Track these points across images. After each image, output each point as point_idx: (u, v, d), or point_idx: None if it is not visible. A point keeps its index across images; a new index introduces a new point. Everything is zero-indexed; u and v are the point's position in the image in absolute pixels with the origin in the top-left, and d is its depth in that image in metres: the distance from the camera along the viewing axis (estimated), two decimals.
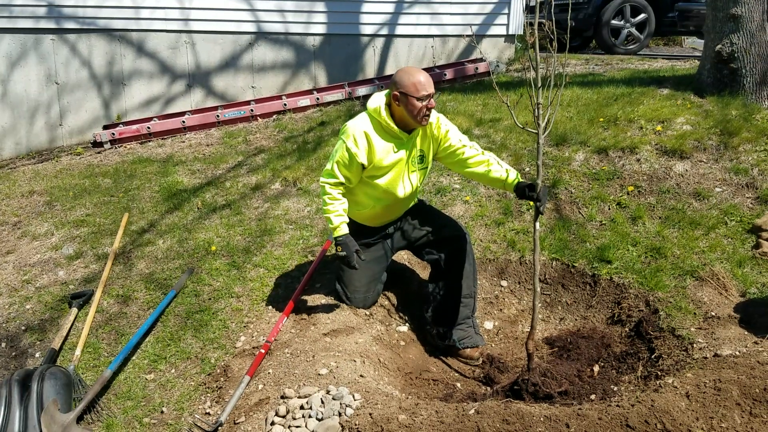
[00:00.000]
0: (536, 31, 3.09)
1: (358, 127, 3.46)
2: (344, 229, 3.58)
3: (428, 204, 4.16)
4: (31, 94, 7.16)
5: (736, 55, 5.67)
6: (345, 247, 3.57)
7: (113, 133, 7.12)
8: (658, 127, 5.42)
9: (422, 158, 3.65)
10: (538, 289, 3.42)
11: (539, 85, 3.15)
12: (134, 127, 7.21)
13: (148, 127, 7.19)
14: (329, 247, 4.44)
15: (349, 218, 3.67)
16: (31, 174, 6.37)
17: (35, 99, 7.19)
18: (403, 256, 4.39)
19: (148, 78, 7.57)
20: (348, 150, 3.46)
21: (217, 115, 7.35)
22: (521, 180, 3.56)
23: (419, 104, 3.35)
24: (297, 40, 7.94)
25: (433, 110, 3.49)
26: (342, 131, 3.54)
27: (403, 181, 3.63)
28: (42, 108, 7.25)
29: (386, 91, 3.48)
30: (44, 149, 7.30)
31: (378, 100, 3.47)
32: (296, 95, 7.69)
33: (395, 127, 3.45)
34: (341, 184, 3.57)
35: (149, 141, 7.16)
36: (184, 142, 7.01)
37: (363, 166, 3.51)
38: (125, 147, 7.06)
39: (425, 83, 3.34)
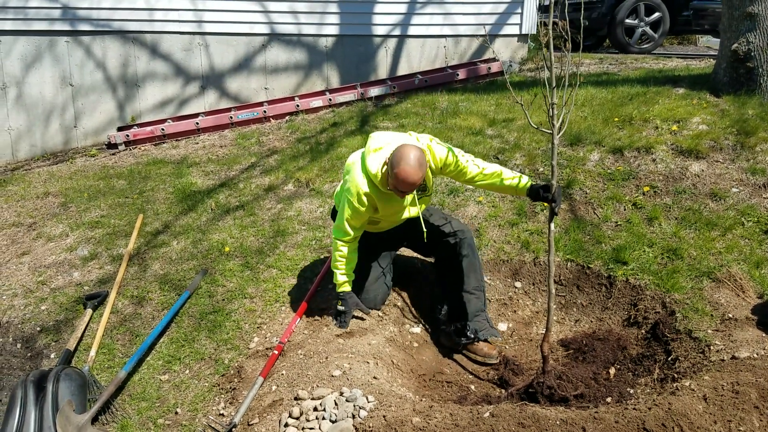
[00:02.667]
0: (550, 31, 3.06)
1: (361, 188, 3.48)
2: (348, 287, 3.77)
3: (436, 207, 4.17)
4: (46, 96, 7.21)
5: (752, 53, 5.60)
6: (345, 303, 3.77)
7: (127, 135, 7.16)
8: (674, 127, 5.36)
9: (423, 187, 3.67)
10: (553, 291, 3.39)
11: (554, 84, 3.12)
12: (148, 128, 7.25)
13: (162, 129, 7.22)
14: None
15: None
16: (46, 175, 6.42)
17: (50, 101, 7.24)
18: (414, 257, 4.37)
19: (162, 80, 7.61)
20: (356, 209, 3.52)
21: (231, 117, 7.37)
22: (534, 182, 3.53)
23: (397, 192, 3.40)
24: (309, 41, 7.95)
25: (424, 138, 3.53)
26: (347, 190, 3.55)
27: (408, 211, 3.72)
28: (57, 110, 7.30)
29: (387, 157, 3.42)
30: (59, 151, 7.35)
31: (377, 164, 3.45)
32: (309, 96, 7.70)
33: (389, 191, 3.50)
34: (354, 238, 3.68)
35: (163, 143, 7.20)
36: (197, 143, 7.04)
37: (372, 213, 3.62)
38: (139, 148, 7.10)
39: (408, 187, 3.29)
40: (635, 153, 5.12)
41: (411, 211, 3.70)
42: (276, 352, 3.57)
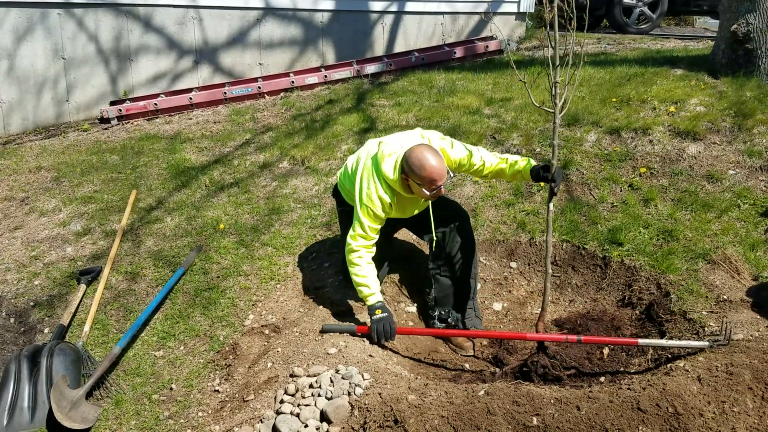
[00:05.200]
0: (555, 9, 3.02)
1: (383, 196, 3.37)
2: (380, 297, 3.46)
3: None
4: (37, 69, 7.10)
5: (751, 35, 5.57)
6: (383, 308, 3.42)
7: (120, 110, 7.07)
8: (672, 108, 5.35)
9: None
10: (550, 271, 3.39)
11: (557, 63, 3.09)
12: (141, 103, 7.16)
13: (155, 104, 7.14)
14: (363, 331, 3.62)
15: None
16: (38, 150, 6.35)
17: (42, 74, 7.13)
18: (411, 237, 4.36)
19: (155, 54, 7.50)
20: (377, 216, 3.41)
21: (225, 92, 7.30)
22: (534, 164, 3.52)
23: (428, 193, 3.31)
24: (305, 16, 7.84)
25: (436, 140, 3.46)
26: (367, 197, 3.39)
27: (418, 206, 3.66)
28: (49, 83, 7.20)
29: (401, 159, 3.32)
30: (51, 125, 7.26)
31: (393, 167, 3.35)
32: (304, 72, 7.62)
33: (410, 195, 3.45)
34: (375, 242, 3.52)
35: (156, 117, 7.12)
36: (191, 119, 6.97)
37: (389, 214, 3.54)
38: (132, 123, 7.03)
39: (436, 177, 3.22)
40: (632, 134, 5.10)
41: (422, 205, 3.66)
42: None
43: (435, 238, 3.77)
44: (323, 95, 7.12)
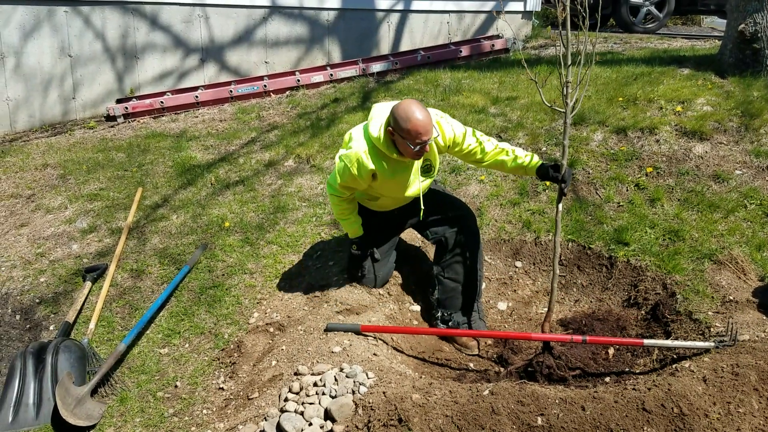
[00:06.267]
0: (568, 7, 3.01)
1: (362, 154, 3.29)
2: (361, 231, 3.72)
3: (439, 185, 4.09)
4: (44, 66, 7.12)
5: (759, 35, 5.54)
6: (360, 246, 3.74)
7: (126, 107, 7.09)
8: (678, 108, 5.32)
9: (428, 167, 3.52)
10: (557, 271, 3.37)
11: (569, 62, 3.08)
12: (147, 101, 7.18)
13: (162, 102, 7.15)
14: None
15: (358, 204, 3.72)
16: (44, 147, 6.37)
17: (48, 71, 7.15)
18: (416, 237, 4.35)
19: (162, 52, 7.52)
20: (352, 176, 3.34)
21: (231, 91, 7.30)
22: (543, 162, 3.48)
23: (412, 149, 3.19)
24: (311, 14, 7.84)
25: (435, 114, 3.36)
26: (345, 155, 3.36)
27: (410, 187, 3.51)
28: (55, 81, 7.22)
29: (388, 115, 3.25)
30: (57, 122, 7.28)
31: (378, 125, 3.28)
32: (310, 71, 7.62)
33: (396, 155, 3.31)
34: (346, 199, 3.60)
35: (162, 116, 7.13)
36: (197, 117, 6.98)
37: (370, 182, 3.43)
38: (138, 121, 7.04)
39: (421, 131, 3.11)
40: (639, 133, 5.08)
41: (413, 189, 3.52)
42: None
43: (437, 236, 3.76)
44: (329, 94, 7.12)
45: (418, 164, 3.45)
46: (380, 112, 3.36)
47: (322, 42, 7.96)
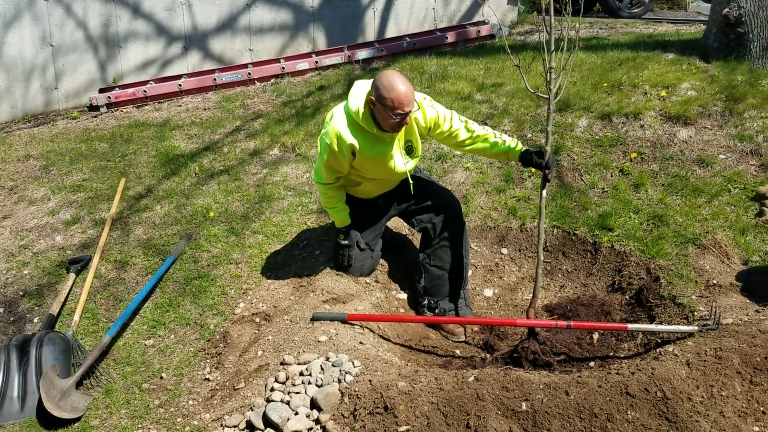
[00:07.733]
0: None
1: (341, 129, 3.31)
2: (348, 220, 3.73)
3: (424, 172, 4.09)
4: (25, 56, 7.03)
5: (743, 19, 5.55)
6: (347, 236, 3.75)
7: (109, 97, 7.02)
8: (663, 93, 5.33)
9: (410, 148, 3.54)
10: (542, 258, 3.38)
11: (552, 48, 3.06)
12: (130, 90, 7.11)
13: (145, 91, 7.08)
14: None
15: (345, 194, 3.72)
16: (27, 138, 6.30)
17: (30, 61, 7.06)
18: (402, 225, 4.35)
19: (144, 40, 7.44)
20: (333, 153, 3.36)
21: (214, 79, 7.24)
22: (526, 147, 3.48)
23: (392, 120, 3.20)
24: (295, 1, 7.77)
25: (419, 96, 3.37)
26: (324, 133, 3.40)
27: (393, 168, 3.51)
28: (37, 70, 7.13)
29: (368, 89, 3.28)
30: (40, 113, 7.20)
31: (358, 99, 3.30)
32: (295, 58, 7.56)
33: (376, 130, 3.32)
34: (333, 185, 3.60)
35: (146, 105, 7.07)
36: (180, 105, 6.92)
37: (351, 160, 3.44)
38: (121, 111, 6.97)
39: (404, 102, 3.13)
40: (623, 119, 5.09)
41: (397, 168, 3.51)
42: None
43: (422, 224, 3.76)
44: (314, 81, 7.07)
45: (399, 143, 3.45)
46: (360, 88, 3.38)
47: (307, 29, 7.90)
